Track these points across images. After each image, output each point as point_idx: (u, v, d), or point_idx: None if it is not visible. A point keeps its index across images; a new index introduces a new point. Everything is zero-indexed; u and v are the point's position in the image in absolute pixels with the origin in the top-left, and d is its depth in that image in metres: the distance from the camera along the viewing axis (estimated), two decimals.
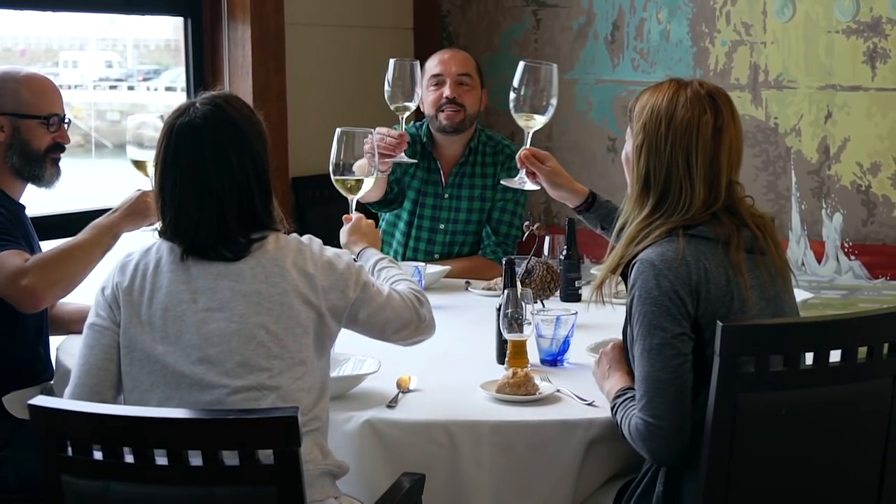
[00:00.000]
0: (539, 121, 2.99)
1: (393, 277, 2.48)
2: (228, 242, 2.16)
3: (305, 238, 2.26)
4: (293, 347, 2.14)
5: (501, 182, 3.05)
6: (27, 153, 2.90)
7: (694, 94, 2.27)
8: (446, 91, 3.78)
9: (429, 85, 3.81)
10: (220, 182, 2.16)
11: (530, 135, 3.00)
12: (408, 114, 3.24)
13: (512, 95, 2.99)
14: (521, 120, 3.00)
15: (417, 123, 3.94)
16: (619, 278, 2.35)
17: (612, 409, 2.31)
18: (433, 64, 3.85)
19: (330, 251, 2.26)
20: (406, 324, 2.35)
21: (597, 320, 3.06)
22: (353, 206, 2.84)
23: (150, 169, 2.94)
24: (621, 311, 2.40)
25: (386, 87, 3.22)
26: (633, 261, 2.26)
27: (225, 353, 2.11)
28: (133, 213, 2.88)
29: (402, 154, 3.32)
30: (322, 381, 2.21)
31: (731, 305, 2.22)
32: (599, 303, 2.37)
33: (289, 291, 2.15)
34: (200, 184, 2.16)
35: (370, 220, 2.76)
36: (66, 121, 2.99)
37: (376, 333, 2.34)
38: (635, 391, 2.24)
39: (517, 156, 3.01)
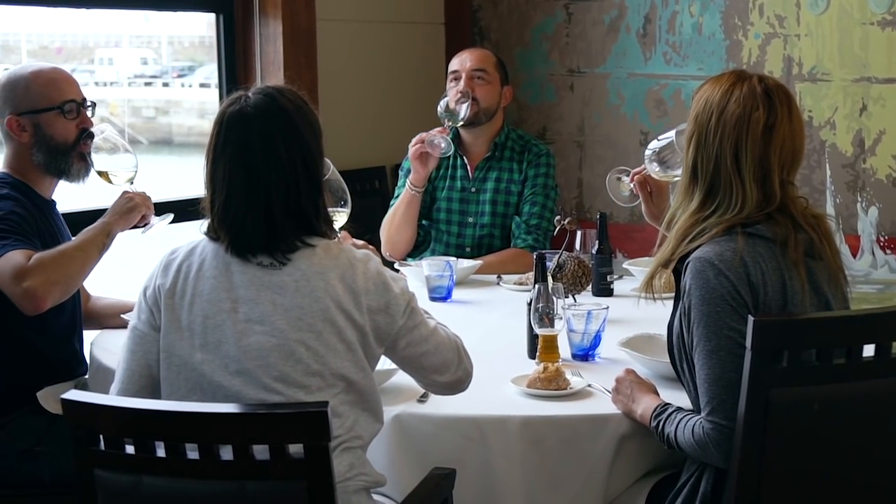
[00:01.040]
0: (662, 175, 2.92)
1: (431, 321, 2.36)
2: (276, 240, 2.11)
3: (362, 254, 2.19)
4: (334, 364, 2.10)
5: (609, 185, 3.04)
6: (53, 147, 2.91)
7: (749, 90, 2.24)
8: (460, 85, 3.83)
9: (449, 82, 3.89)
10: (268, 172, 2.11)
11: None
12: (451, 123, 3.67)
13: (648, 151, 2.92)
14: (647, 165, 2.95)
15: None
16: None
17: (655, 427, 2.27)
18: (453, 62, 3.94)
19: (387, 272, 2.19)
20: (447, 364, 2.28)
21: (628, 315, 3.05)
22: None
23: (115, 177, 3.00)
24: (655, 306, 2.39)
25: (441, 105, 3.67)
26: (687, 259, 2.23)
27: (263, 368, 2.07)
28: (120, 213, 2.91)
29: (444, 140, 3.63)
30: (366, 399, 2.15)
31: (785, 309, 2.19)
32: (650, 298, 2.34)
33: (331, 307, 2.10)
34: (248, 174, 2.11)
35: (360, 242, 2.64)
36: (88, 104, 2.99)
37: (413, 366, 2.27)
38: (701, 395, 2.18)
39: (632, 172, 2.96)
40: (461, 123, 3.74)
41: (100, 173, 3.00)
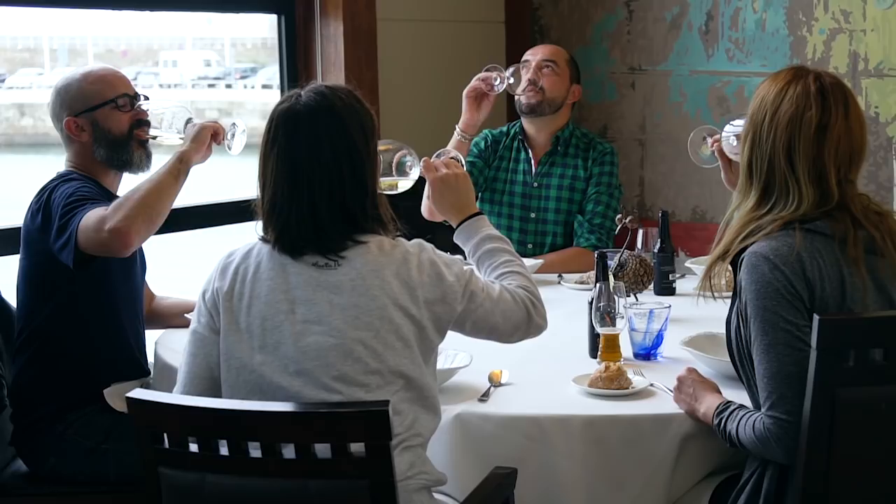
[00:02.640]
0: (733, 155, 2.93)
1: (503, 268, 2.38)
2: (325, 239, 2.13)
3: (415, 245, 2.19)
4: (392, 362, 2.11)
5: (692, 145, 3.04)
6: (111, 141, 2.95)
7: (804, 89, 2.21)
8: (528, 74, 3.85)
9: (521, 72, 3.89)
10: (312, 171, 2.12)
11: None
12: (511, 82, 3.67)
13: (726, 131, 2.94)
14: (723, 141, 2.97)
15: (513, 123, 4.01)
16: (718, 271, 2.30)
17: (717, 425, 2.25)
18: (526, 53, 3.97)
19: (441, 259, 2.19)
20: (517, 326, 2.30)
21: (690, 313, 3.02)
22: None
23: (171, 136, 3.02)
24: (717, 304, 2.36)
25: (510, 68, 3.67)
26: (742, 254, 2.20)
27: (322, 368, 2.08)
28: (189, 138, 2.96)
29: (500, 80, 3.63)
30: (424, 396, 2.16)
31: (843, 306, 2.17)
32: (708, 296, 2.32)
33: (388, 305, 2.10)
34: (293, 171, 2.13)
35: (456, 173, 2.53)
36: (142, 98, 3.03)
37: (484, 336, 2.30)
38: (760, 390, 2.16)
39: (713, 138, 2.95)
40: (517, 92, 3.78)
41: (154, 138, 3.04)
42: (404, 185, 2.62)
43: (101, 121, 2.95)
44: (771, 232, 2.20)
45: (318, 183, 2.13)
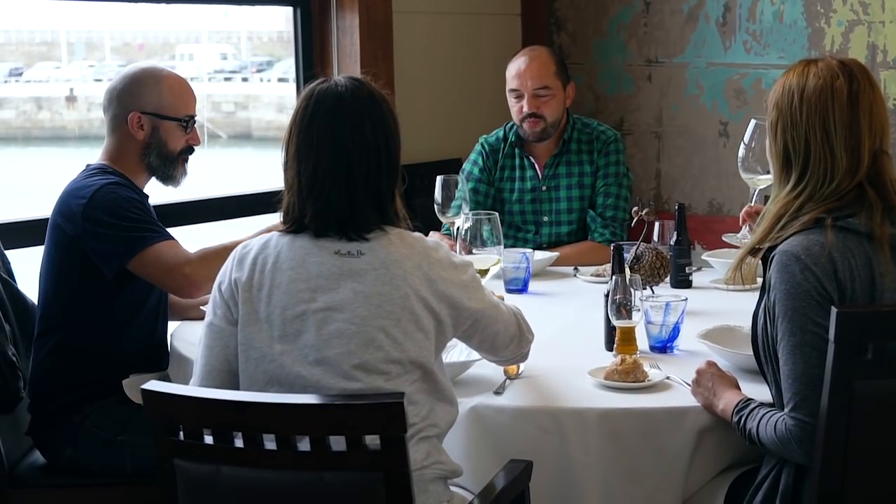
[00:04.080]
0: (765, 180, 2.89)
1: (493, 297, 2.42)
2: (358, 217, 2.13)
3: (434, 242, 2.22)
4: (413, 352, 2.12)
5: (723, 238, 3.05)
6: (164, 154, 2.98)
7: (825, 65, 2.23)
8: (524, 106, 3.77)
9: (509, 95, 3.83)
10: (353, 146, 2.13)
11: (756, 192, 2.93)
12: (455, 225, 3.05)
13: (741, 153, 2.95)
14: (745, 176, 2.96)
15: (508, 125, 3.93)
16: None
17: (736, 423, 2.24)
18: (511, 76, 3.82)
19: (457, 259, 2.23)
20: (512, 338, 2.34)
21: (707, 306, 3.02)
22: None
23: None
24: (734, 298, 2.36)
25: (436, 205, 3.12)
26: (774, 251, 2.19)
27: (343, 356, 2.09)
28: None
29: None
30: (440, 389, 2.17)
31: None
32: (738, 286, 2.30)
33: (410, 295, 2.12)
34: (335, 144, 2.14)
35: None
36: (196, 120, 3.05)
37: (487, 346, 2.31)
38: (784, 391, 2.15)
39: (741, 213, 2.90)
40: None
41: None
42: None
43: (163, 131, 2.97)
44: (805, 224, 2.18)
45: (357, 163, 2.14)
